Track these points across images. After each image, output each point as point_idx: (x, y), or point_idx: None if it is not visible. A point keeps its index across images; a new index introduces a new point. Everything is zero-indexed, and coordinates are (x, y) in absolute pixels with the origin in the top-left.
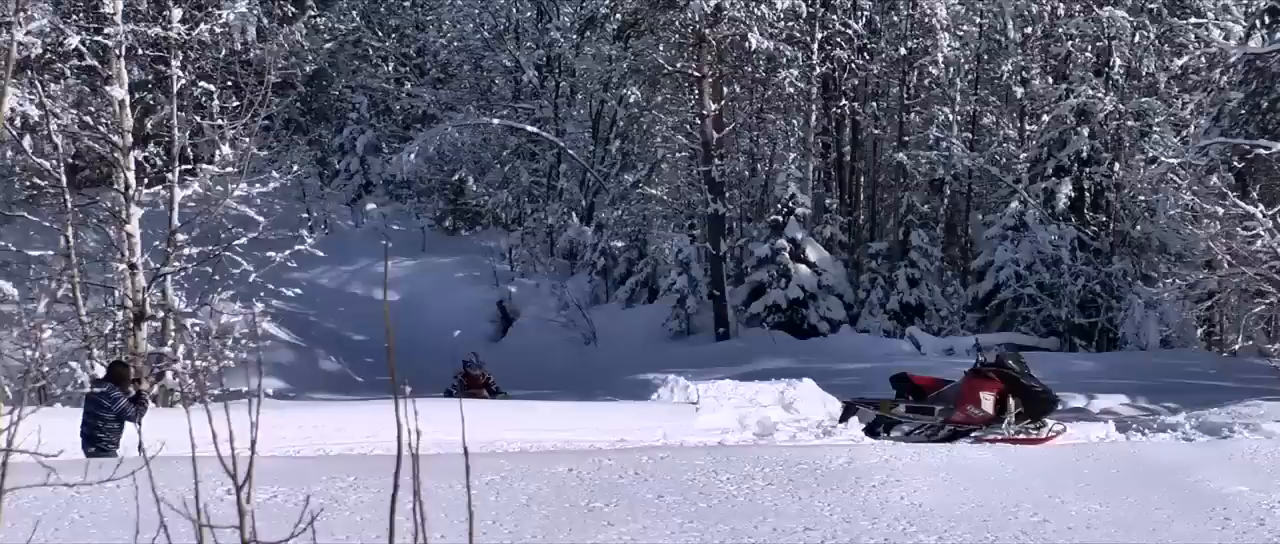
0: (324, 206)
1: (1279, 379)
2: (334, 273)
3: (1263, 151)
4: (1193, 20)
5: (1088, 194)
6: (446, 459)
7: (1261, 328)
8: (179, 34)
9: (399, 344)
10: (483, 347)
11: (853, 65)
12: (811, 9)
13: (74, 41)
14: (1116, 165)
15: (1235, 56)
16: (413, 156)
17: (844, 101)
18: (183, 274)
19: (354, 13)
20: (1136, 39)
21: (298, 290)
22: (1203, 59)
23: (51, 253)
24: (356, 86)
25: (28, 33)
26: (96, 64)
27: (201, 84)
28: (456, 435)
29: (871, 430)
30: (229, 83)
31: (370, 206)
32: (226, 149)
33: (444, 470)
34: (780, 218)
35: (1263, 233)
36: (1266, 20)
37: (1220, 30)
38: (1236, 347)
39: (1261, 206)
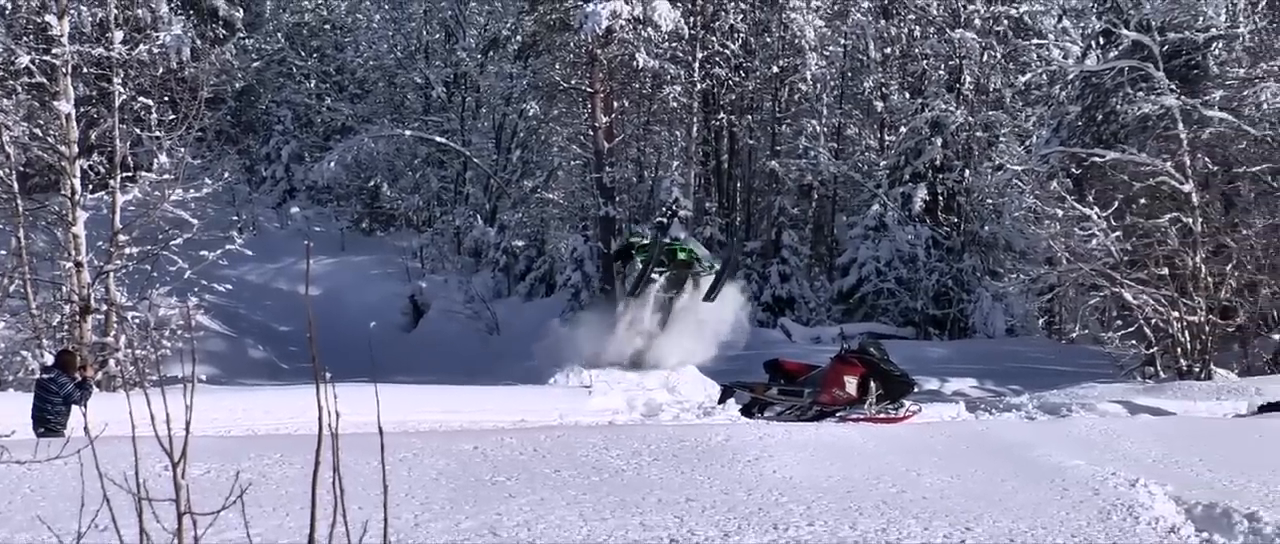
0: (252, 210)
1: (1112, 364)
2: (261, 270)
3: (1097, 159)
4: (1035, 41)
5: (941, 198)
6: (363, 438)
7: (1096, 318)
8: (120, 54)
9: (320, 334)
10: (395, 336)
11: (730, 82)
12: (693, 31)
13: (25, 61)
14: (967, 172)
15: (1073, 74)
16: (332, 164)
17: (722, 115)
18: (124, 271)
19: (279, 35)
20: (985, 58)
21: (228, 286)
22: (1044, 76)
23: (4, 252)
24: (281, 101)
25: None
26: (45, 81)
27: (141, 99)
28: (372, 417)
29: (747, 411)
30: (165, 98)
31: (294, 210)
32: (163, 158)
33: (361, 448)
34: (665, 219)
35: (1098, 233)
36: (1101, 41)
37: (1059, 50)
38: (1074, 335)
39: (1097, 209)
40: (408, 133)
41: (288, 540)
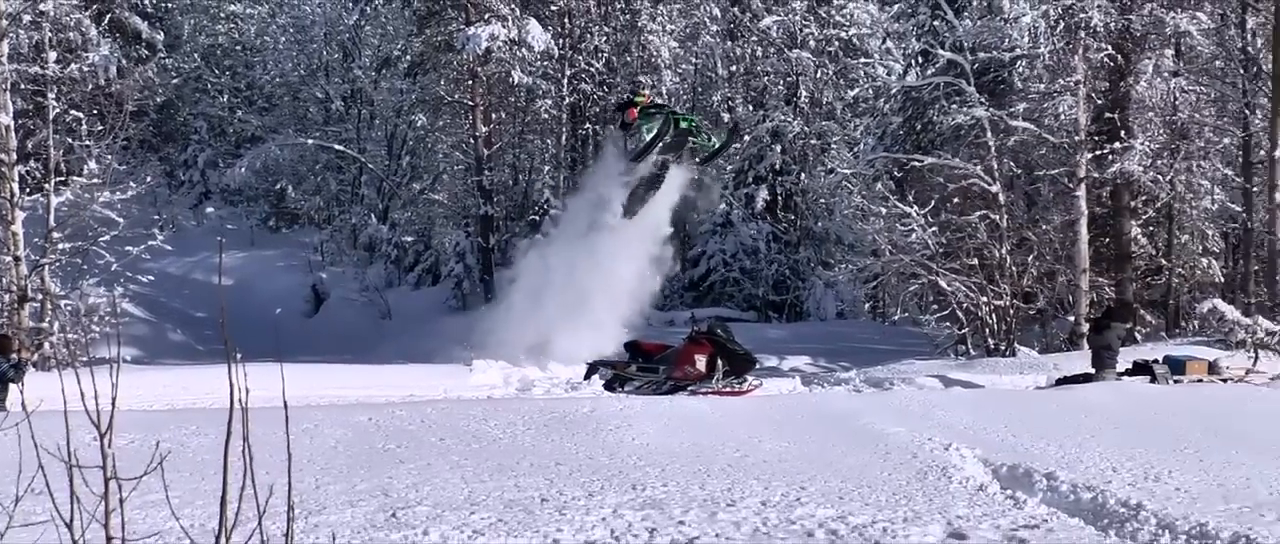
0: (171, 210)
1: (928, 343)
2: (179, 263)
3: (917, 163)
4: (862, 60)
5: (779, 198)
6: (269, 411)
7: (915, 303)
8: (54, 72)
9: (231, 320)
10: (299, 322)
11: (595, 96)
12: (562, 51)
13: None
14: (803, 175)
15: (895, 89)
16: (243, 170)
17: (588, 125)
18: (57, 264)
19: (195, 55)
20: (819, 75)
21: (150, 277)
22: (870, 91)
23: None
24: (197, 114)
25: None
26: None
27: (72, 112)
28: (278, 392)
29: (609, 386)
30: (95, 111)
31: (209, 210)
32: (92, 164)
33: (267, 420)
34: (537, 217)
35: (916, 228)
36: (920, 60)
37: (884, 68)
38: (896, 317)
39: (915, 207)
40: (310, 141)
41: (203, 502)
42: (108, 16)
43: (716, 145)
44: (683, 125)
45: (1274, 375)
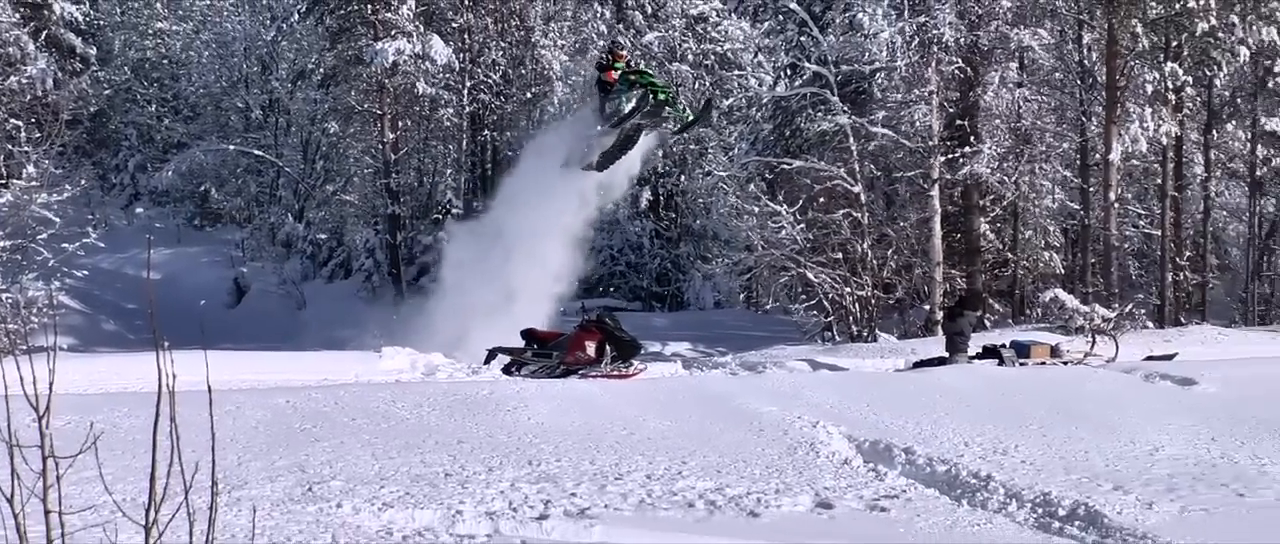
0: (104, 210)
1: (798, 330)
2: (112, 259)
3: (786, 166)
4: (736, 72)
5: (661, 198)
6: (194, 395)
7: (785, 293)
8: None
9: (159, 310)
10: (222, 312)
11: (493, 105)
12: (463, 64)
13: None
14: (682, 177)
15: (766, 98)
16: (170, 173)
17: (487, 132)
18: None
19: (126, 68)
20: (696, 86)
21: (85, 272)
22: (743, 100)
23: None
24: (128, 122)
25: None
26: None
27: (12, 121)
28: (202, 377)
29: (507, 370)
30: (32, 120)
31: (138, 210)
32: (31, 168)
33: (193, 403)
34: (440, 216)
35: (786, 225)
36: (789, 72)
37: (756, 80)
38: (768, 307)
39: (785, 206)
40: (231, 147)
41: (134, 478)
42: (44, 32)
43: (691, 118)
44: (661, 97)
45: (1109, 358)
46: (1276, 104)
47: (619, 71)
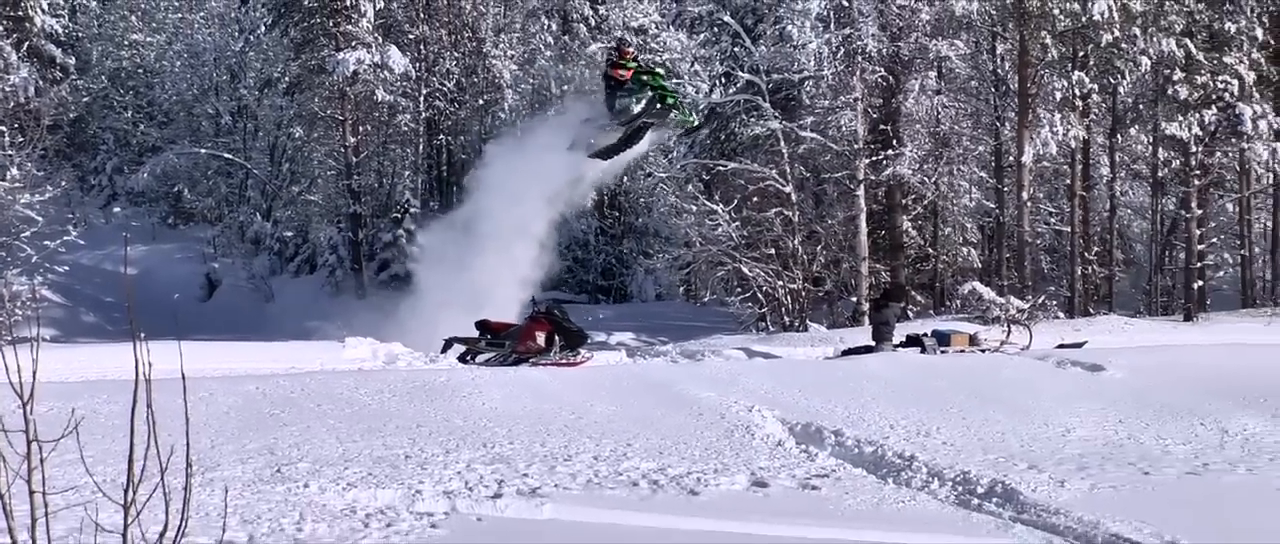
0: (83, 210)
1: (734, 321)
2: (91, 255)
3: (722, 168)
4: (675, 80)
5: (605, 198)
6: (169, 382)
7: (722, 286)
8: None
9: (136, 303)
10: (194, 305)
11: (448, 111)
12: (418, 73)
13: None
14: (625, 178)
15: (703, 105)
16: (145, 175)
17: (442, 136)
18: None
19: (103, 76)
20: None
21: (66, 267)
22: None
23: None
24: (105, 127)
25: None
26: None
27: None
28: (176, 366)
29: (462, 359)
30: (16, 125)
31: (116, 209)
32: (14, 171)
33: (167, 390)
34: (399, 215)
35: (722, 223)
36: (723, 80)
37: (693, 87)
38: (706, 299)
39: (721, 205)
40: (203, 151)
41: (113, 460)
42: (26, 44)
43: (695, 122)
44: (669, 101)
45: (1023, 346)
46: (1176, 110)
47: (631, 70)
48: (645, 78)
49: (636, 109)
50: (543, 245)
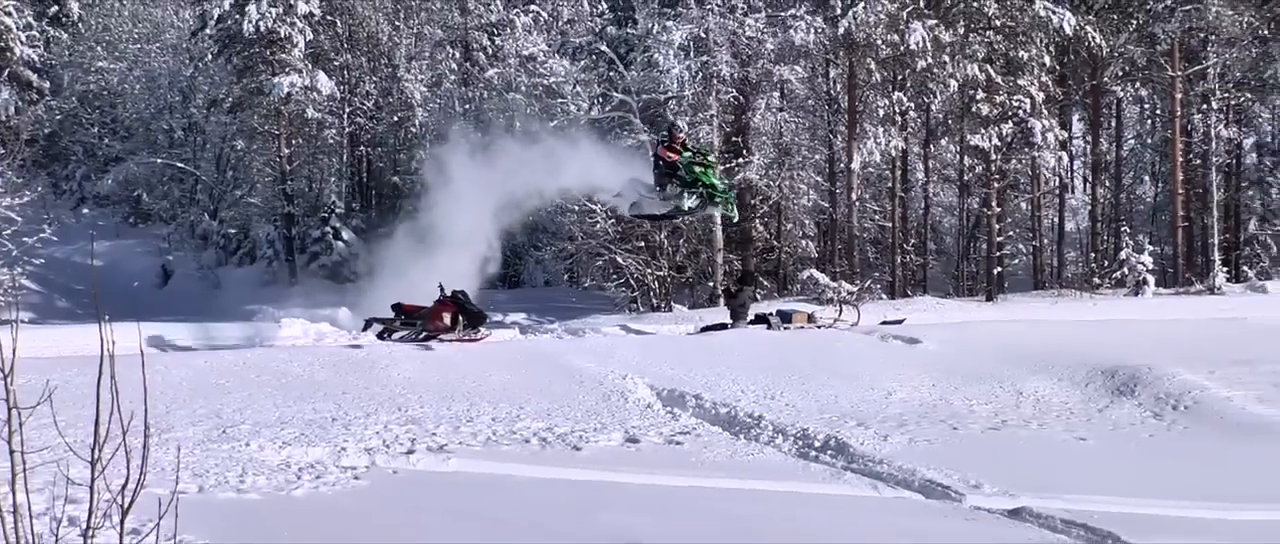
0: (57, 211)
1: (610, 303)
2: (63, 250)
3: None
4: (559, 100)
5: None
6: (130, 357)
7: (600, 273)
8: None
9: (101, 290)
10: (152, 294)
11: (367, 126)
12: (342, 94)
13: None
14: None
15: (583, 121)
16: (109, 182)
17: (362, 147)
18: None
19: (73, 98)
20: (528, 111)
21: (41, 260)
22: (566, 122)
23: None
24: (75, 141)
25: None
26: None
27: None
28: (136, 343)
29: (381, 336)
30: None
31: (84, 211)
32: None
33: (128, 364)
34: (326, 215)
35: (600, 220)
36: (601, 100)
37: (575, 106)
38: (587, 284)
39: (598, 205)
40: (159, 161)
41: (82, 424)
42: (6, 70)
43: (735, 218)
44: (716, 199)
45: (853, 323)
46: (979, 124)
47: (684, 160)
48: (697, 168)
49: (688, 205)
50: (488, 248)
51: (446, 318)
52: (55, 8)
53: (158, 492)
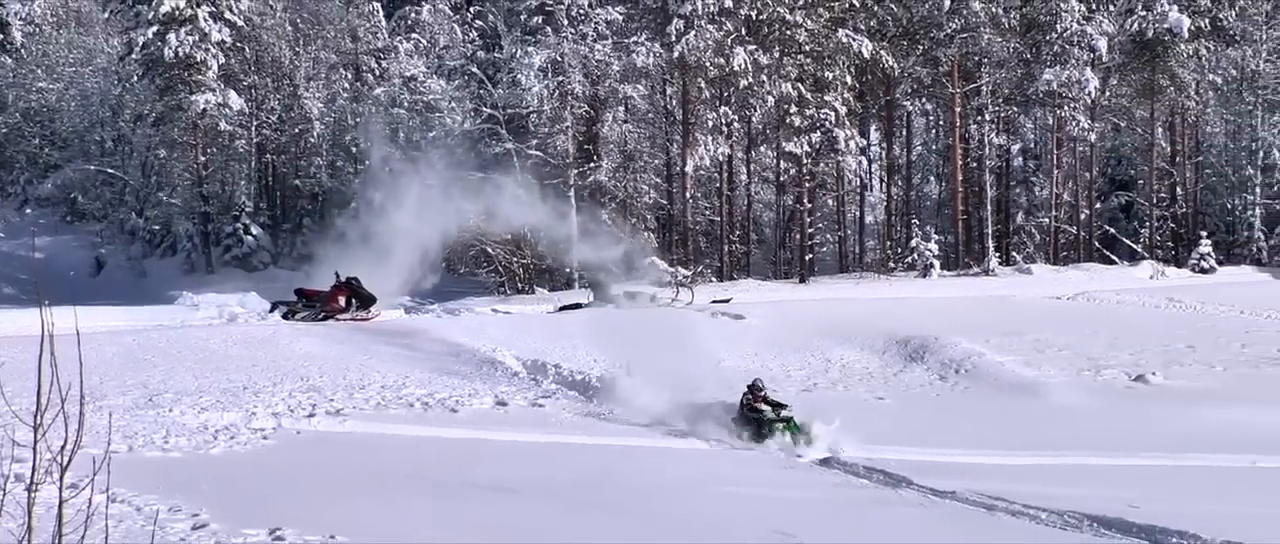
0: (3, 212)
1: (482, 287)
2: (9, 245)
3: (471, 177)
4: (437, 114)
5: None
6: (67, 338)
7: (473, 260)
8: None
9: (42, 279)
10: (86, 282)
11: (272, 137)
12: (251, 109)
13: None
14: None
15: (458, 131)
16: (49, 186)
17: (268, 155)
18: None
19: (17, 114)
20: (411, 123)
21: None
22: (443, 133)
23: None
24: (19, 151)
25: None
26: None
27: None
28: (72, 325)
29: (285, 317)
30: None
31: (27, 211)
32: None
33: (67, 343)
34: (237, 213)
35: (472, 217)
36: (473, 114)
37: (451, 119)
38: (462, 271)
39: (472, 204)
40: (92, 168)
41: (27, 395)
42: None
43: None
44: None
45: (688, 302)
46: (792, 133)
47: (768, 407)
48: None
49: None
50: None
51: (341, 300)
52: (0, 36)
53: (93, 451)
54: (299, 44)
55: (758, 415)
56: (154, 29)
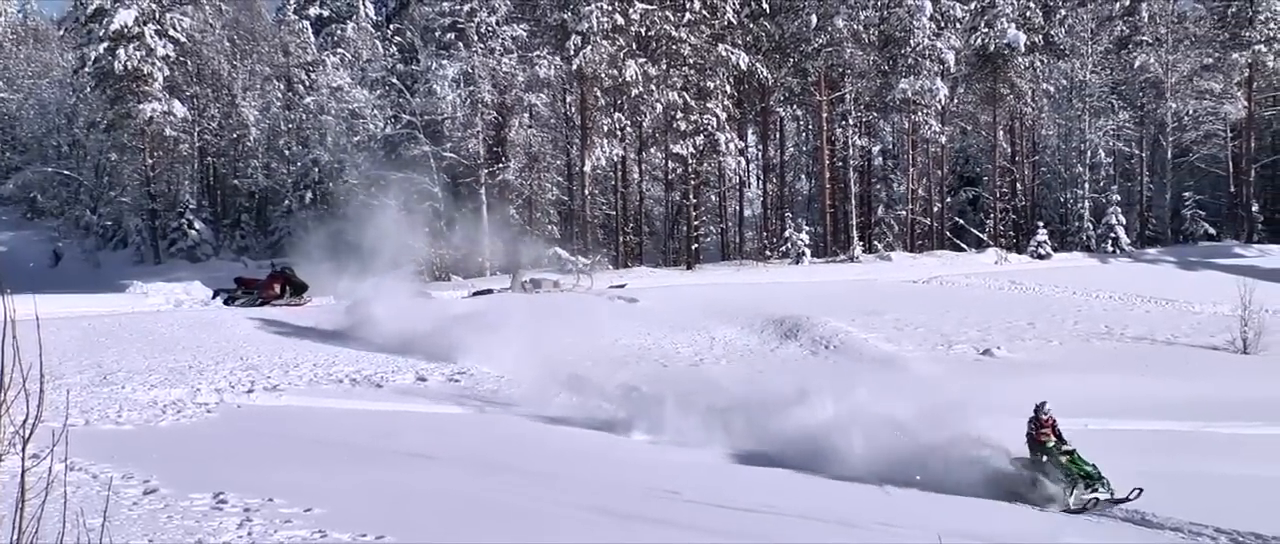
0: None
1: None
2: None
3: (393, 177)
4: (361, 120)
5: (318, 197)
6: (28, 323)
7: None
8: None
9: (4, 270)
10: (46, 273)
11: (213, 142)
12: (194, 117)
13: None
14: (330, 184)
15: (381, 136)
16: (11, 186)
17: (210, 157)
18: None
19: None
20: (338, 128)
21: None
22: (367, 137)
23: None
24: None
25: None
26: None
27: None
28: (32, 311)
29: (227, 303)
30: None
31: None
32: None
33: (28, 328)
34: (182, 210)
35: (394, 212)
36: (393, 120)
37: (374, 125)
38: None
39: (393, 202)
40: (50, 170)
41: None
42: None
43: (1117, 497)
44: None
45: (588, 288)
46: (679, 137)
47: (1051, 443)
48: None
49: (1050, 487)
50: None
51: (277, 288)
52: None
53: (52, 425)
54: (236, 58)
55: (1042, 455)
56: (105, 45)
